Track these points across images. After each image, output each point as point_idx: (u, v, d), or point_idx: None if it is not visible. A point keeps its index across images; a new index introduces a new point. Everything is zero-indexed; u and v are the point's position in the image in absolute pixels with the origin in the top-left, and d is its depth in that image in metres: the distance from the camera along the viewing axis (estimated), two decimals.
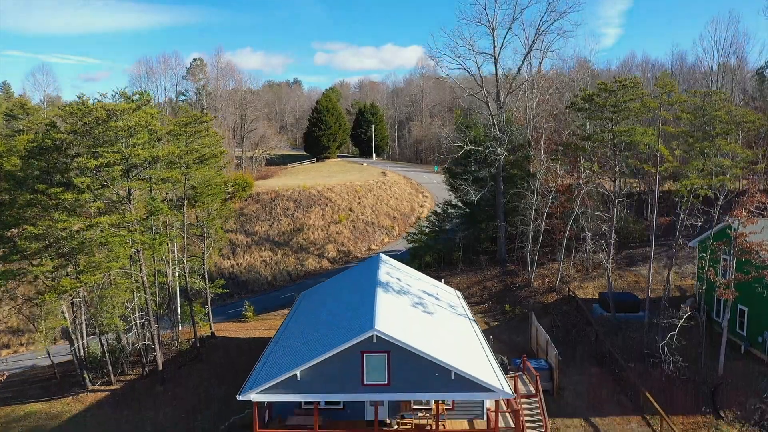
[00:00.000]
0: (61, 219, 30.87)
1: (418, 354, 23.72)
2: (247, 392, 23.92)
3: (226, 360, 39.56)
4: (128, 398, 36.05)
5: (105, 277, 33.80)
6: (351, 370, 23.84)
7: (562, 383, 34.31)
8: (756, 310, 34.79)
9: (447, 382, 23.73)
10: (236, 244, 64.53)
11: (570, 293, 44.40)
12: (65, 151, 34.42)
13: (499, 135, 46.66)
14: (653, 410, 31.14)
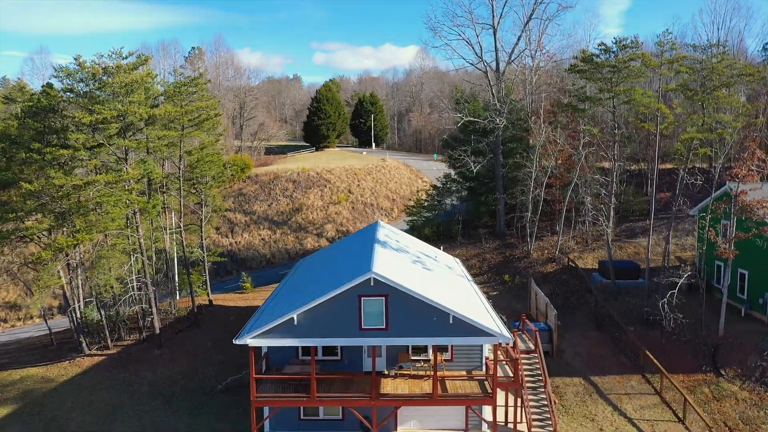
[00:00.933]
0: (57, 176, 30.63)
1: (416, 297, 23.48)
2: (243, 336, 23.69)
3: (224, 326, 39.34)
4: (125, 361, 35.85)
5: (101, 239, 33.57)
6: (348, 314, 23.59)
7: (561, 346, 34.13)
8: (756, 273, 34.59)
9: (445, 327, 23.50)
10: (234, 222, 64.30)
11: (569, 263, 44.21)
12: (61, 113, 34.23)
13: (498, 106, 46.43)
14: (653, 369, 30.98)
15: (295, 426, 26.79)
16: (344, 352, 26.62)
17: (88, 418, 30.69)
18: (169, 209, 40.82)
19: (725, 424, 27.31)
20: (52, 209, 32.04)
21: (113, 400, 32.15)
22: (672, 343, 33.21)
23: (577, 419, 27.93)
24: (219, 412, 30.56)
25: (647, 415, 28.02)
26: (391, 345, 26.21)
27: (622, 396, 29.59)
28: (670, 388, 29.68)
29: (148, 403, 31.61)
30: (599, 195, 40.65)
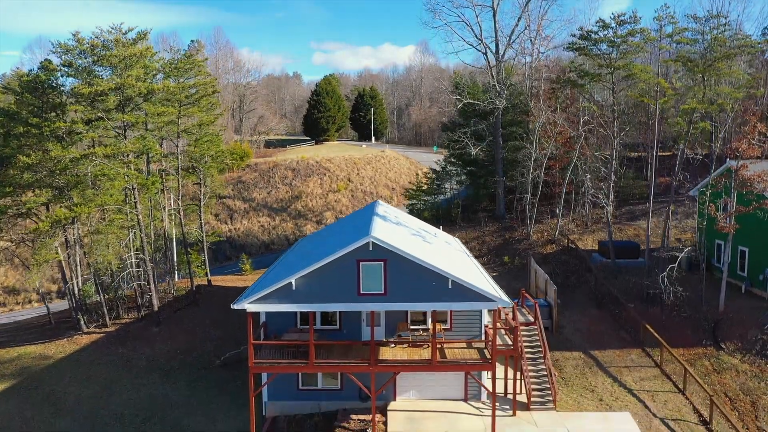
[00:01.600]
0: (55, 149, 30.50)
1: (414, 262, 23.35)
2: (241, 301, 23.55)
3: (222, 306, 39.11)
4: (123, 338, 35.75)
5: (99, 213, 33.42)
6: (347, 279, 23.45)
7: (561, 322, 34.01)
8: (756, 249, 34.51)
9: (444, 292, 23.36)
10: (234, 209, 64.21)
11: (569, 244, 44.11)
12: (59, 89, 34.12)
13: (497, 88, 46.31)
14: (653, 343, 30.85)
15: (294, 396, 26.67)
16: (343, 321, 26.50)
17: (85, 392, 30.59)
18: (168, 189, 40.68)
19: (725, 394, 27.20)
20: (50, 183, 31.91)
21: (111, 374, 32.06)
22: (672, 319, 33.11)
23: (577, 390, 27.80)
24: (217, 384, 30.46)
25: (647, 386, 27.90)
26: (390, 311, 26.14)
27: (622, 369, 29.47)
28: (670, 361, 29.57)
29: (145, 377, 31.52)
30: (599, 173, 40.52)
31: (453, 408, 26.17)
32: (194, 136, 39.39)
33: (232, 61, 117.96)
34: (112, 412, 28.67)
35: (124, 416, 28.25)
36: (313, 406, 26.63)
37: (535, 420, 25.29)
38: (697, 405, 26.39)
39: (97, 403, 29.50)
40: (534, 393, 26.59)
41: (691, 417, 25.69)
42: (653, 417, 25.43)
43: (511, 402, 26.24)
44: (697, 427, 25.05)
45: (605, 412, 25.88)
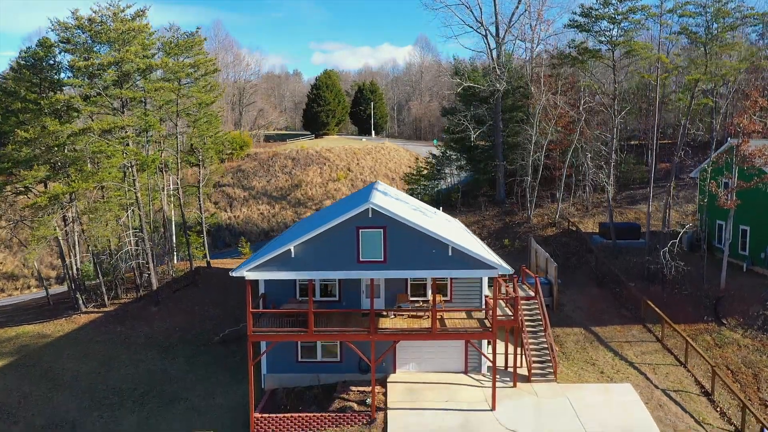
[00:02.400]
0: (52, 124, 30.32)
1: (415, 229, 23.19)
2: (240, 269, 23.40)
3: (221, 286, 39.02)
4: (122, 317, 35.57)
5: (98, 192, 33.23)
6: (346, 246, 23.27)
7: (561, 300, 33.85)
8: (757, 228, 34.36)
9: (445, 259, 23.19)
10: (233, 197, 64.03)
11: (570, 226, 43.96)
12: (58, 65, 33.97)
13: (498, 71, 46.15)
14: (654, 320, 30.72)
15: (293, 368, 26.51)
16: (342, 292, 26.35)
17: (83, 368, 30.43)
18: (167, 171, 40.46)
19: (727, 367, 27.06)
20: (48, 159, 31.74)
21: (109, 351, 31.91)
22: (673, 297, 32.97)
23: (578, 363, 27.64)
24: (216, 360, 30.30)
25: (648, 359, 27.74)
26: (390, 282, 26.02)
27: (623, 343, 29.31)
28: (671, 336, 29.42)
29: (144, 353, 31.37)
30: (600, 152, 40.33)
31: (453, 380, 26.04)
32: (193, 117, 39.20)
33: (231, 55, 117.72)
34: (110, 387, 28.50)
35: (123, 390, 28.09)
36: (313, 379, 26.47)
37: (535, 390, 25.14)
38: (699, 377, 26.25)
39: (96, 379, 29.33)
40: (534, 365, 26.44)
41: (693, 388, 25.54)
42: (654, 388, 25.27)
43: (511, 375, 26.09)
44: (699, 398, 24.90)
45: (606, 384, 25.73)
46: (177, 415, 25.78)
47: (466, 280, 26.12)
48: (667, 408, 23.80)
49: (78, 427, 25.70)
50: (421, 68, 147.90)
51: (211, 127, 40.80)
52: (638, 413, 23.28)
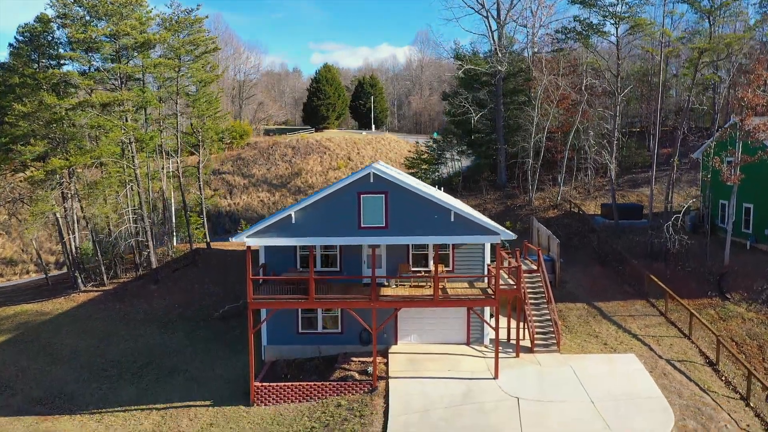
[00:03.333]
0: (50, 98, 30.06)
1: (416, 194, 23.00)
2: (241, 235, 23.15)
3: (222, 266, 38.79)
4: (121, 295, 35.34)
5: (97, 168, 32.94)
6: (348, 212, 23.05)
7: (564, 278, 33.59)
8: (761, 205, 34.09)
9: (446, 225, 22.97)
10: (233, 185, 63.80)
11: (572, 208, 43.71)
12: (55, 43, 33.72)
13: (499, 55, 45.91)
14: (657, 295, 30.47)
15: (293, 340, 26.25)
16: (343, 262, 26.05)
17: (82, 344, 30.19)
18: (167, 157, 40.12)
19: (732, 339, 26.81)
20: (46, 135, 31.47)
21: (108, 327, 31.68)
22: (676, 273, 32.71)
23: (581, 336, 27.39)
24: (216, 335, 30.06)
25: (652, 332, 27.49)
26: (391, 251, 25.76)
27: (627, 317, 29.07)
28: (674, 310, 29.17)
29: (143, 328, 31.13)
30: (602, 131, 40.06)
31: (455, 351, 25.78)
32: (193, 96, 38.94)
33: (231, 48, 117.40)
34: (109, 360, 28.27)
35: (122, 363, 27.85)
36: (313, 350, 26.22)
37: (538, 360, 24.89)
38: (703, 348, 26.00)
39: (94, 353, 29.10)
40: (537, 337, 26.18)
41: (698, 359, 25.28)
42: (659, 358, 25.02)
43: (513, 346, 25.84)
44: (704, 368, 24.64)
45: (610, 354, 25.48)
46: (176, 386, 25.54)
47: (468, 250, 25.85)
48: (671, 376, 23.55)
49: (76, 398, 25.46)
50: (422, 63, 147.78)
51: (211, 107, 40.52)
52: (643, 381, 23.02)
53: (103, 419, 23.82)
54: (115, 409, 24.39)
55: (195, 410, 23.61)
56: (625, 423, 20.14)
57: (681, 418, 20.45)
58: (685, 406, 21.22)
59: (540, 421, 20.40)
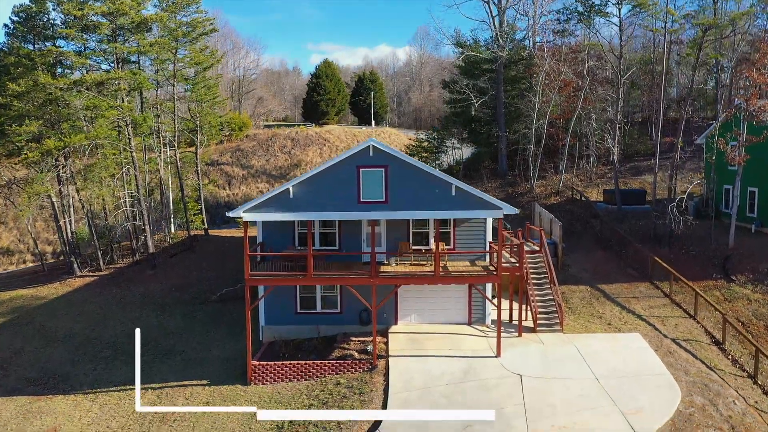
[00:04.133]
0: (44, 77, 29.59)
1: (417, 167, 22.57)
2: (237, 210, 22.69)
3: (220, 252, 38.36)
4: (117, 280, 34.91)
5: (92, 150, 32.43)
6: (347, 186, 22.59)
7: (566, 262, 33.13)
8: (767, 188, 33.66)
9: (447, 199, 22.51)
10: (232, 176, 63.29)
11: (574, 195, 43.26)
12: (51, 24, 33.28)
13: (500, 41, 45.43)
14: (661, 277, 30.03)
15: (292, 320, 25.83)
16: (342, 241, 25.60)
17: (77, 326, 29.75)
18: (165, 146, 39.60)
19: (738, 319, 26.31)
20: (41, 116, 31.00)
21: (104, 310, 31.23)
22: (680, 256, 32.26)
23: (584, 317, 26.93)
24: (214, 318, 29.60)
25: (656, 313, 27.03)
26: (391, 229, 25.34)
27: (630, 299, 28.61)
28: (679, 292, 28.72)
29: (139, 311, 30.68)
30: (605, 119, 39.60)
31: (456, 331, 25.34)
32: (191, 81, 38.46)
33: (230, 43, 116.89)
34: (104, 342, 27.82)
35: (117, 344, 27.40)
36: (312, 331, 25.78)
37: (541, 339, 24.44)
38: (709, 328, 25.54)
39: (90, 335, 28.67)
40: (540, 317, 25.73)
41: (703, 338, 24.82)
42: (664, 337, 24.56)
43: (516, 326, 25.38)
44: (710, 347, 24.17)
45: (614, 333, 25.02)
46: (172, 367, 25.08)
47: (470, 227, 25.43)
48: (677, 354, 23.09)
49: (71, 378, 25.01)
50: (422, 59, 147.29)
51: (209, 92, 40.04)
52: (648, 358, 22.57)
53: (97, 398, 23.39)
54: (109, 389, 23.95)
55: (191, 389, 23.16)
56: (631, 399, 19.69)
57: (688, 394, 19.99)
58: (692, 383, 20.76)
59: (543, 397, 19.95)
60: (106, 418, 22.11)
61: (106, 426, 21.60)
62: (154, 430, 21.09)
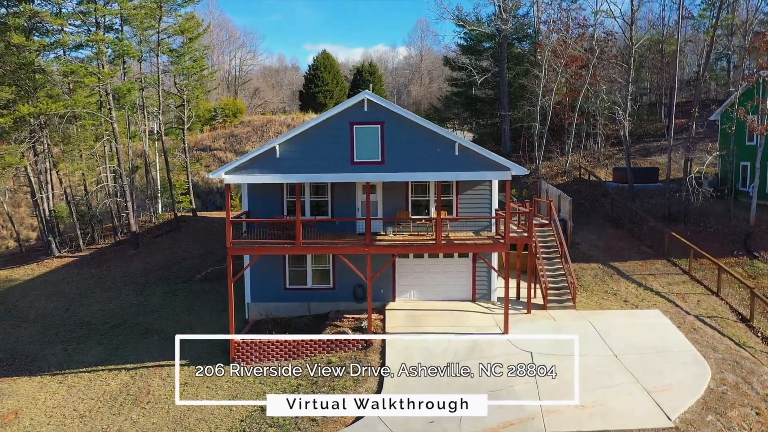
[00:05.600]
0: (17, 38, 27.50)
1: (416, 123, 20.49)
2: (219, 171, 20.59)
3: (208, 231, 36.27)
4: (98, 260, 32.82)
5: (70, 121, 30.27)
6: (339, 145, 20.50)
7: (576, 240, 31.05)
8: None
9: (450, 160, 20.41)
10: (225, 161, 61.03)
11: (581, 175, 41.19)
12: None
13: (503, 15, 43.39)
14: (678, 254, 27.98)
15: (280, 296, 23.77)
16: (335, 210, 23.52)
17: (50, 306, 27.68)
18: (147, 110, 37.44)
19: (764, 296, 24.23)
20: (15, 81, 28.90)
21: (81, 290, 29.15)
22: (698, 234, 30.17)
23: (598, 294, 24.87)
24: (197, 296, 27.56)
25: (676, 290, 24.96)
26: (389, 195, 23.31)
27: (647, 276, 26.53)
28: (699, 269, 26.67)
29: (118, 290, 28.59)
30: (616, 85, 37.54)
31: (459, 307, 23.27)
32: (177, 53, 36.33)
33: (226, 32, 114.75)
34: (78, 321, 25.74)
35: (91, 324, 25.31)
36: (302, 308, 23.73)
37: (552, 316, 22.37)
38: (734, 305, 23.48)
39: (63, 314, 26.58)
40: (551, 293, 23.66)
41: (729, 315, 22.78)
42: (686, 314, 22.48)
43: (524, 304, 23.35)
44: (737, 324, 22.13)
45: (632, 310, 22.95)
46: (150, 346, 23.01)
47: (474, 195, 23.40)
48: (702, 331, 21.02)
49: (39, 359, 22.93)
50: (421, 53, 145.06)
51: (196, 65, 37.93)
52: (671, 334, 20.51)
53: (65, 380, 21.30)
54: (79, 369, 21.87)
55: (168, 370, 21.09)
56: (655, 376, 17.62)
57: (718, 371, 17.92)
58: (722, 360, 18.70)
59: (557, 375, 17.85)
60: (73, 400, 20.04)
61: (73, 409, 19.53)
62: (125, 413, 19.02)
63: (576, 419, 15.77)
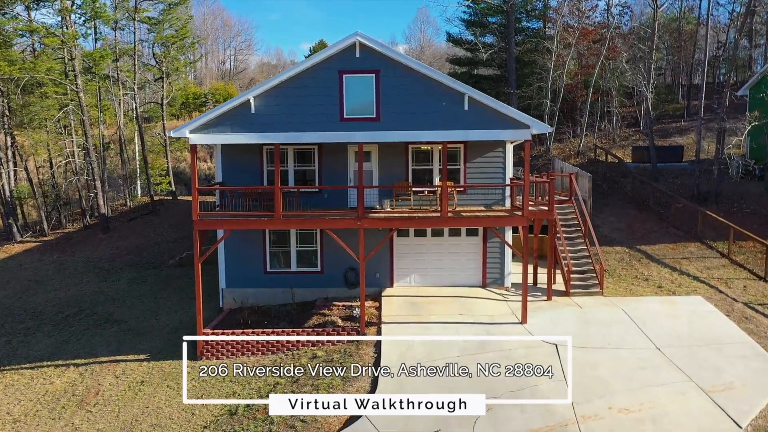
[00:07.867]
0: None
1: (418, 71, 17.22)
2: (182, 128, 17.26)
3: (185, 214, 32.89)
4: (62, 245, 29.52)
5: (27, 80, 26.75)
6: (326, 98, 17.22)
7: (596, 222, 27.72)
8: None
9: (459, 115, 17.12)
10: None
11: (597, 155, 37.91)
12: None
13: None
14: (713, 236, 24.73)
15: (260, 281, 20.48)
16: (324, 179, 20.21)
17: (1, 294, 24.34)
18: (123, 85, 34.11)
19: None
20: None
21: (38, 276, 25.85)
22: (732, 215, 26.92)
23: (627, 279, 21.59)
24: (166, 282, 24.28)
25: (716, 274, 21.67)
26: (385, 163, 20.02)
27: (680, 260, 23.25)
28: (739, 252, 23.39)
29: (79, 277, 25.31)
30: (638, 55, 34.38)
31: (468, 294, 20.00)
32: (155, 20, 33.02)
33: (221, 21, 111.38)
34: (29, 311, 22.43)
35: (43, 314, 22.01)
36: (285, 295, 20.43)
37: (577, 303, 19.10)
38: None
39: (14, 304, 23.27)
40: (574, 277, 20.41)
41: None
42: (733, 301, 19.20)
43: (544, 290, 20.08)
44: None
45: (669, 296, 19.67)
46: (106, 338, 19.71)
47: (485, 163, 20.11)
48: (756, 320, 17.75)
49: None
50: (422, 44, 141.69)
51: (177, 35, 34.61)
52: (721, 324, 17.24)
53: (3, 378, 18.01)
54: (21, 365, 18.59)
55: (124, 366, 17.80)
56: (710, 373, 14.37)
57: None
58: None
59: (590, 371, 14.62)
60: (8, 401, 16.76)
61: (6, 412, 16.26)
62: (66, 416, 15.76)
63: (621, 426, 12.50)
